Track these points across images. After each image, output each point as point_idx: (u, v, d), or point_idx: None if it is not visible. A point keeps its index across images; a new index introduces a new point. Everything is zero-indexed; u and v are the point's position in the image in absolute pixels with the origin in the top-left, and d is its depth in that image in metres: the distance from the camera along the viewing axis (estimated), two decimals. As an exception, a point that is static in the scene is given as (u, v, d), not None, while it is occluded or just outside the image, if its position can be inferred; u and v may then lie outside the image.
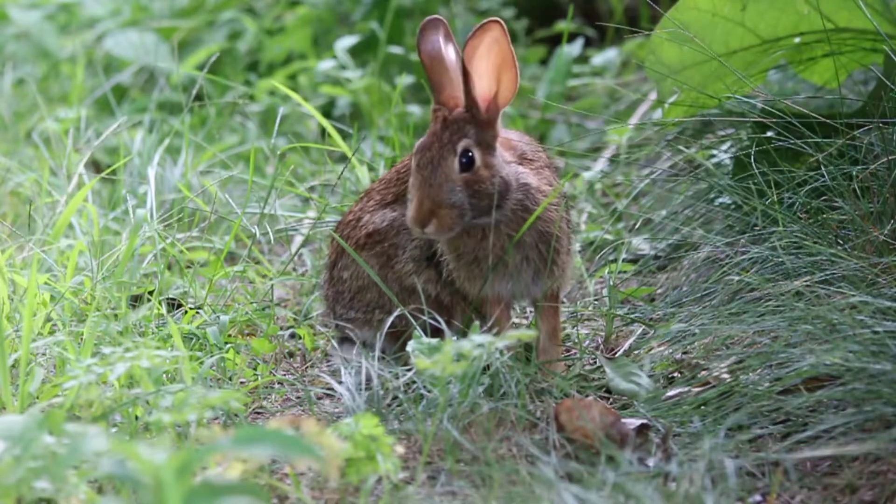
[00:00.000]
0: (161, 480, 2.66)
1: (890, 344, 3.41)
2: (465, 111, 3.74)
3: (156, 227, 4.39)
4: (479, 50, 3.70)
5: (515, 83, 3.75)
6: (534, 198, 3.79)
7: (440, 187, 3.69)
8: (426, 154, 3.72)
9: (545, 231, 3.80)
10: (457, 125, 3.73)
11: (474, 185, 3.72)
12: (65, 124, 5.43)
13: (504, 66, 3.73)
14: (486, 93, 3.74)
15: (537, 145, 3.98)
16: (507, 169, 3.77)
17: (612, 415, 3.48)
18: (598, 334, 4.17)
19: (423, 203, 3.70)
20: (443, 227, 3.70)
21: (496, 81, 3.74)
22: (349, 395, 3.62)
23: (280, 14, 6.85)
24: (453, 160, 3.71)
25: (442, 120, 3.75)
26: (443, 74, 3.78)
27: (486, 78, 3.73)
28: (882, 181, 4.02)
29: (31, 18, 7.11)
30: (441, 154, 3.71)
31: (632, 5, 6.71)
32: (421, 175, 3.71)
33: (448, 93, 3.77)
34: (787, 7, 4.36)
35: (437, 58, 3.79)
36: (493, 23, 3.71)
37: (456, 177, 3.71)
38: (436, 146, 3.72)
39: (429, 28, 3.82)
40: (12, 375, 3.69)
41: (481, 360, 3.47)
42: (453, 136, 3.73)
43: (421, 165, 3.72)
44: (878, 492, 3.25)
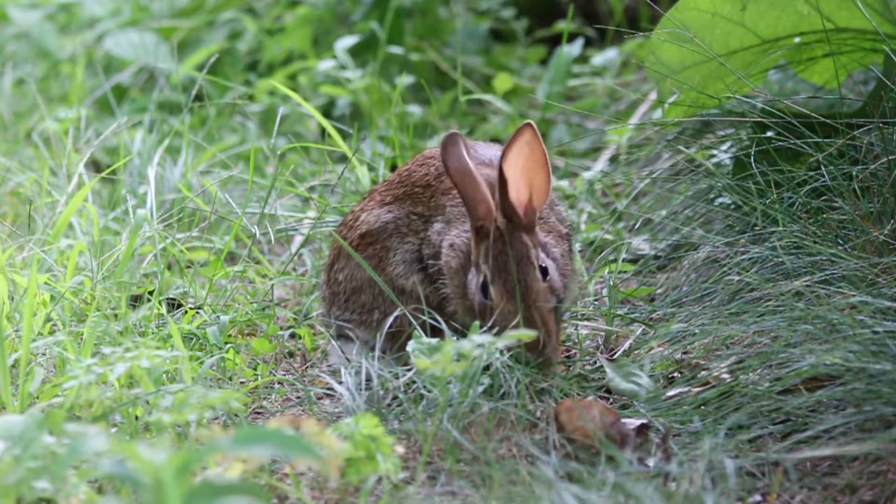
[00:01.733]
0: (161, 480, 2.66)
1: (890, 344, 3.41)
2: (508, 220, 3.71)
3: (156, 227, 4.39)
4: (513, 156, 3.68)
5: (548, 184, 3.73)
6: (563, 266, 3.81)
7: (535, 301, 3.69)
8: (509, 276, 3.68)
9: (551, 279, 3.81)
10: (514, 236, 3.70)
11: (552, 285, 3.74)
12: (65, 124, 5.43)
13: (536, 169, 3.71)
14: (522, 197, 3.72)
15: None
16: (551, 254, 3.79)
17: (612, 415, 3.48)
18: (598, 334, 4.17)
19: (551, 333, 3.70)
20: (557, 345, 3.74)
21: (528, 186, 3.72)
22: (349, 395, 3.63)
23: (280, 14, 6.85)
24: (535, 272, 3.70)
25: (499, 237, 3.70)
26: (475, 189, 3.72)
27: (519, 183, 3.71)
28: (882, 181, 4.02)
29: (31, 18, 7.11)
30: (523, 269, 3.69)
31: (632, 5, 6.71)
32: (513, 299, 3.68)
33: (485, 206, 3.72)
34: (786, 7, 4.36)
35: (467, 174, 3.73)
36: (526, 127, 3.68)
37: (542, 286, 3.71)
38: (524, 262, 3.68)
39: (451, 144, 3.76)
40: (12, 375, 3.69)
41: (481, 360, 3.47)
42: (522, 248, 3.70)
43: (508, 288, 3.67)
44: (878, 492, 3.25)
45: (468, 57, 6.43)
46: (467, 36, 6.59)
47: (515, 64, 6.60)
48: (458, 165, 3.74)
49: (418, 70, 6.30)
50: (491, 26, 6.74)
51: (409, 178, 3.98)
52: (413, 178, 3.97)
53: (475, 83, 6.33)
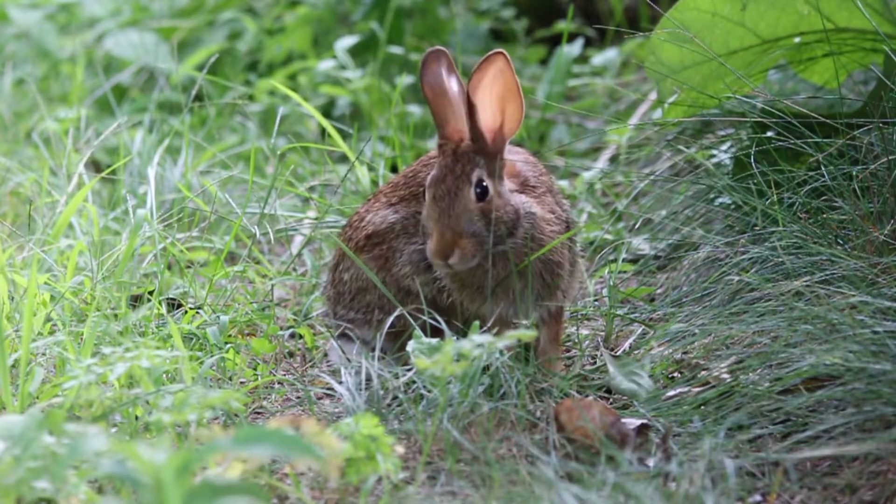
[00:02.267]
0: (161, 480, 2.66)
1: (890, 344, 3.41)
2: (472, 143, 3.75)
3: (156, 227, 4.39)
4: (483, 82, 3.71)
5: (521, 114, 3.76)
6: (539, 227, 3.81)
7: (459, 218, 3.71)
8: (441, 186, 3.73)
9: (549, 259, 3.81)
10: (467, 156, 3.74)
11: (489, 214, 3.73)
12: (65, 124, 5.43)
13: (509, 98, 3.74)
14: (491, 124, 3.75)
15: (540, 167, 3.98)
16: (514, 198, 3.79)
17: (612, 415, 3.48)
18: (599, 334, 4.17)
19: (445, 234, 3.71)
20: (465, 257, 3.71)
21: (501, 113, 3.75)
22: (349, 395, 3.62)
23: (280, 14, 6.85)
24: (469, 190, 3.72)
25: (452, 152, 3.75)
26: (446, 107, 3.78)
27: (491, 110, 3.74)
28: (882, 181, 4.02)
29: (31, 18, 7.11)
30: (456, 185, 3.72)
31: (632, 5, 6.71)
32: (439, 207, 3.72)
33: (452, 126, 3.77)
34: (786, 7, 4.36)
35: (441, 90, 3.79)
36: (498, 54, 3.71)
37: (473, 206, 3.72)
38: (450, 178, 3.73)
39: (431, 60, 3.81)
40: (12, 375, 3.69)
41: (481, 360, 3.47)
42: (466, 167, 3.73)
43: (437, 197, 3.73)
44: (878, 492, 3.25)
45: (468, 57, 6.42)
46: (467, 36, 6.59)
47: (515, 64, 6.58)
48: (433, 81, 3.79)
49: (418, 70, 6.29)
50: (491, 26, 6.75)
51: (414, 179, 3.98)
52: (418, 178, 3.98)
53: (475, 83, 6.32)
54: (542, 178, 3.93)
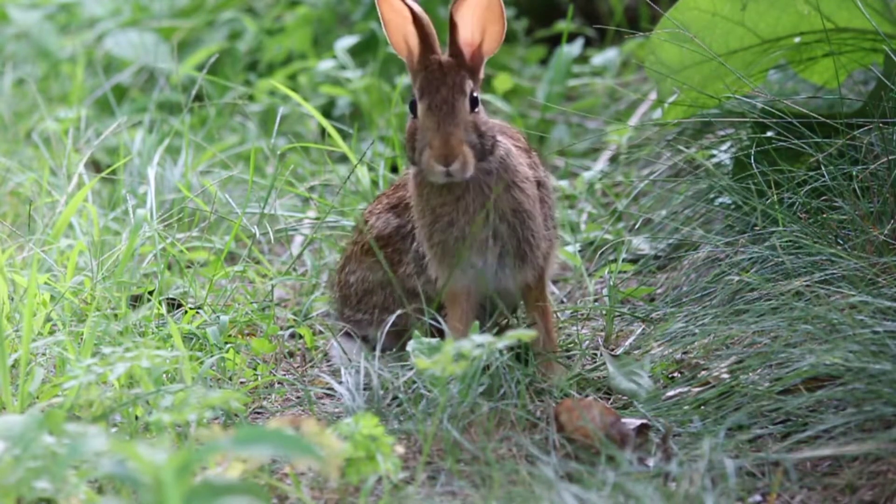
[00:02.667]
0: (161, 480, 2.66)
1: (890, 344, 3.41)
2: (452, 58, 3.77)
3: (156, 227, 4.39)
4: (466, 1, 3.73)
5: (501, 34, 3.78)
6: (513, 162, 3.80)
7: (458, 126, 3.70)
8: (437, 95, 3.73)
9: (520, 206, 3.80)
10: (456, 69, 3.76)
11: (480, 126, 3.74)
12: (65, 124, 5.43)
13: (490, 17, 3.76)
14: (470, 40, 3.78)
15: (521, 137, 3.98)
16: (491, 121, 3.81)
17: (612, 415, 3.48)
18: (599, 334, 4.17)
19: (449, 140, 3.68)
20: (466, 165, 3.69)
21: (481, 31, 3.77)
22: (349, 395, 3.62)
23: (280, 14, 6.85)
24: (464, 100, 3.73)
25: (438, 65, 3.76)
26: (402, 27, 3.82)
27: (470, 27, 3.76)
28: (882, 181, 4.02)
29: (31, 18, 7.11)
30: (452, 94, 3.72)
31: (632, 5, 6.71)
32: (438, 115, 3.70)
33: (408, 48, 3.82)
34: (787, 7, 4.36)
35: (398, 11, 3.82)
36: None
37: (469, 118, 3.73)
38: (444, 88, 3.73)
39: None
40: (12, 375, 3.69)
41: (481, 360, 3.47)
42: (456, 78, 3.75)
43: (435, 106, 3.71)
44: (878, 492, 3.25)
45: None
46: (467, 36, 6.58)
47: (515, 64, 6.60)
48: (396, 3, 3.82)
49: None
50: (491, 26, 6.74)
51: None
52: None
53: (475, 83, 6.32)
54: (521, 140, 3.94)
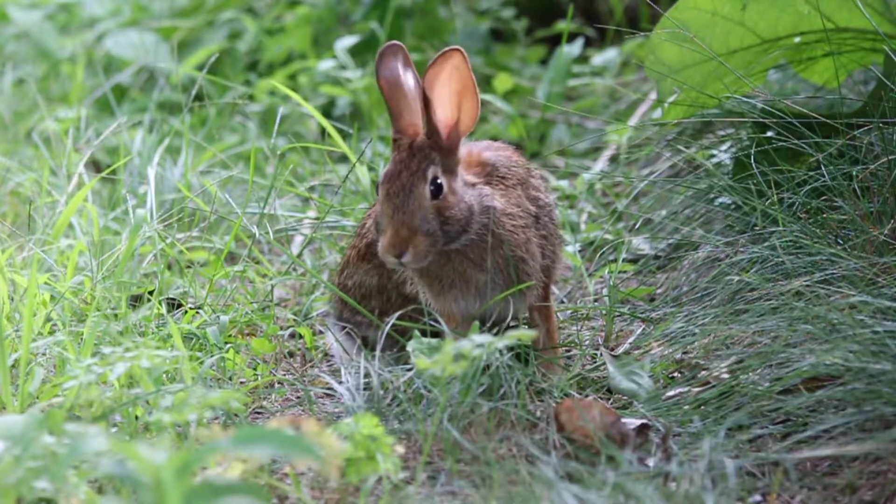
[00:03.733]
0: (161, 480, 2.66)
1: (890, 344, 3.41)
2: (427, 138, 3.72)
3: (156, 227, 4.39)
4: (440, 77, 3.68)
5: (476, 110, 3.73)
6: (499, 221, 3.77)
7: (413, 215, 3.67)
8: (396, 182, 3.69)
9: (510, 260, 3.78)
10: (422, 152, 3.71)
11: (444, 211, 3.69)
12: (65, 124, 5.43)
13: (465, 94, 3.71)
14: (447, 120, 3.72)
15: (515, 159, 3.94)
16: (470, 193, 3.76)
17: (612, 415, 3.48)
18: (599, 334, 4.17)
19: (399, 231, 3.66)
20: (418, 255, 3.67)
21: (457, 109, 3.72)
22: (349, 395, 3.62)
23: (280, 14, 6.85)
24: (424, 187, 3.69)
25: (407, 147, 3.72)
26: (401, 101, 3.75)
27: (447, 105, 3.72)
28: (882, 181, 4.02)
29: (31, 18, 7.11)
30: (411, 181, 3.68)
31: (632, 5, 6.71)
32: (393, 203, 3.68)
33: (407, 120, 3.74)
34: (786, 7, 4.35)
35: (396, 84, 3.75)
36: (454, 51, 3.69)
37: (428, 204, 3.69)
38: (405, 174, 3.69)
39: (388, 54, 3.78)
40: (12, 375, 3.69)
41: (481, 360, 3.47)
42: (421, 164, 3.70)
43: (392, 193, 3.68)
44: (878, 492, 3.25)
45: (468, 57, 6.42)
46: (467, 36, 6.59)
47: (515, 64, 6.60)
48: (389, 75, 3.76)
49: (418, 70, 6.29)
50: (491, 26, 6.75)
51: None
52: None
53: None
54: (514, 170, 3.89)
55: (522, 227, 3.81)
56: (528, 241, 3.82)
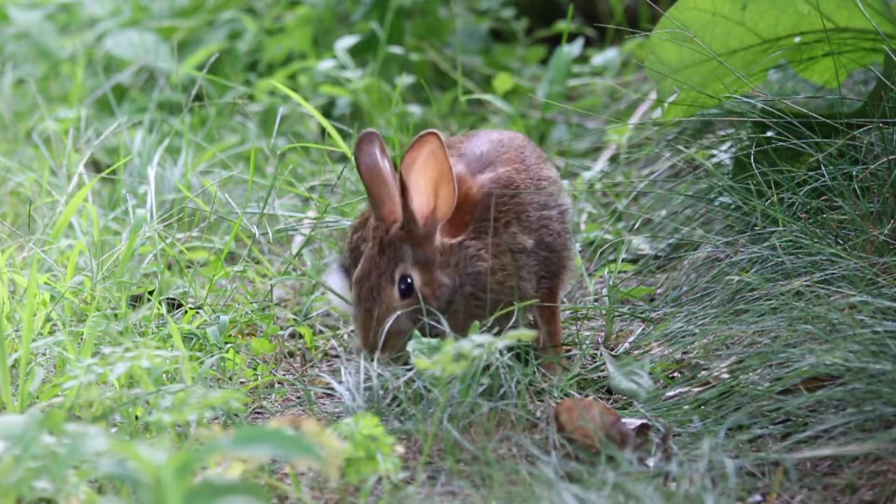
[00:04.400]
0: (161, 480, 2.66)
1: (890, 344, 3.41)
2: (402, 228, 3.71)
3: (156, 227, 4.39)
4: (416, 163, 3.66)
5: (453, 197, 3.70)
6: (483, 282, 3.75)
7: (383, 318, 3.68)
8: (365, 284, 3.70)
9: (500, 295, 3.78)
10: (393, 248, 3.71)
11: (415, 305, 3.70)
12: (65, 124, 5.43)
13: (441, 180, 3.68)
14: (423, 208, 3.70)
15: (517, 174, 3.88)
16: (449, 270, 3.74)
17: (612, 415, 3.48)
18: (599, 334, 4.17)
19: (370, 336, 3.69)
20: (391, 350, 3.70)
21: (434, 196, 3.70)
22: (349, 395, 3.63)
23: (280, 14, 6.85)
24: (392, 290, 3.70)
25: (378, 243, 3.72)
26: (381, 188, 3.73)
27: (423, 193, 3.69)
28: (882, 181, 4.02)
29: (31, 18, 7.11)
30: (379, 283, 3.70)
31: (632, 5, 6.71)
32: (363, 308, 3.70)
33: (388, 208, 3.73)
34: (787, 6, 4.35)
35: (376, 171, 3.74)
36: (430, 135, 3.66)
37: (397, 304, 3.70)
38: (374, 275, 3.70)
39: (365, 141, 3.76)
40: (12, 375, 3.69)
41: (481, 360, 3.47)
42: (390, 262, 3.70)
43: (362, 297, 3.70)
44: (878, 492, 3.25)
45: (468, 57, 6.43)
46: (467, 36, 6.59)
47: (515, 64, 6.60)
48: (368, 162, 3.73)
49: (418, 70, 6.30)
50: (491, 26, 6.75)
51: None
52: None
53: (475, 83, 6.33)
54: (507, 201, 3.83)
55: (510, 275, 3.78)
56: (518, 287, 3.79)
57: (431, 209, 3.71)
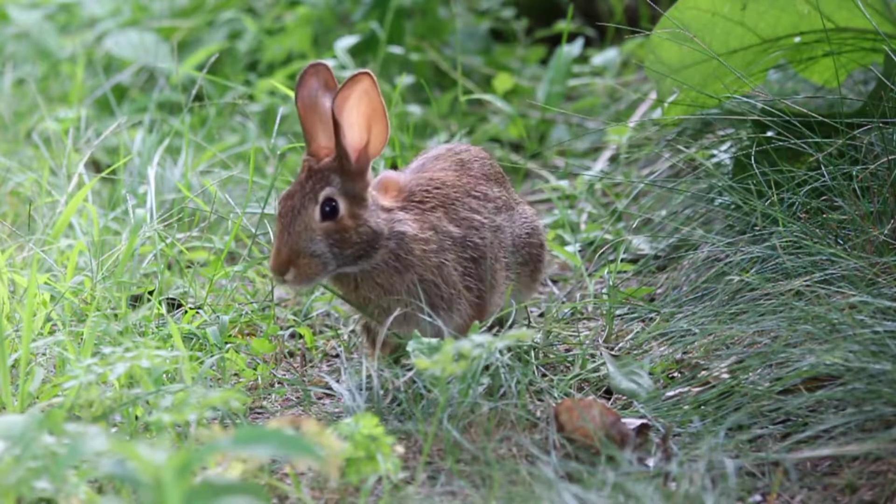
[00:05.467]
0: (161, 480, 2.66)
1: (890, 344, 3.41)
2: (334, 161, 3.72)
3: (156, 226, 4.39)
4: (349, 101, 3.67)
5: (386, 135, 3.72)
6: (408, 246, 3.76)
7: (299, 236, 3.67)
8: (288, 202, 3.71)
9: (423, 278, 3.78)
10: (322, 174, 3.71)
11: (336, 234, 3.69)
12: (65, 124, 5.43)
13: (374, 118, 3.71)
14: (356, 143, 3.72)
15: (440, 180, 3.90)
16: (380, 217, 3.75)
17: (612, 415, 3.48)
18: (599, 334, 4.17)
19: (281, 251, 3.68)
20: (301, 276, 3.68)
21: (367, 132, 3.72)
22: (349, 395, 3.62)
23: (280, 14, 6.85)
24: (314, 209, 3.69)
25: (308, 169, 3.73)
26: (315, 123, 3.74)
27: (356, 128, 3.71)
28: (882, 181, 4.02)
29: (31, 18, 7.11)
30: (303, 203, 3.69)
31: (632, 5, 6.71)
32: (281, 223, 3.70)
33: (319, 143, 3.74)
34: (787, 6, 4.36)
35: (312, 106, 3.75)
36: (364, 75, 3.67)
37: (316, 226, 3.69)
38: (298, 195, 3.70)
39: (309, 74, 3.76)
40: (12, 375, 3.69)
41: (481, 360, 3.47)
42: (316, 185, 3.70)
43: (282, 214, 3.70)
44: (878, 492, 3.25)
45: (468, 57, 6.43)
46: (467, 36, 6.59)
47: (515, 64, 6.60)
48: (306, 96, 3.75)
49: (418, 70, 6.30)
50: (491, 26, 6.75)
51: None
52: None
53: (475, 83, 6.33)
54: (435, 192, 3.87)
55: (436, 251, 3.79)
56: (442, 265, 3.80)
57: (364, 144, 3.73)
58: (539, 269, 4.05)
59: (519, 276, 3.98)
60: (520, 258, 3.97)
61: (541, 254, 4.05)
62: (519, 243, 3.98)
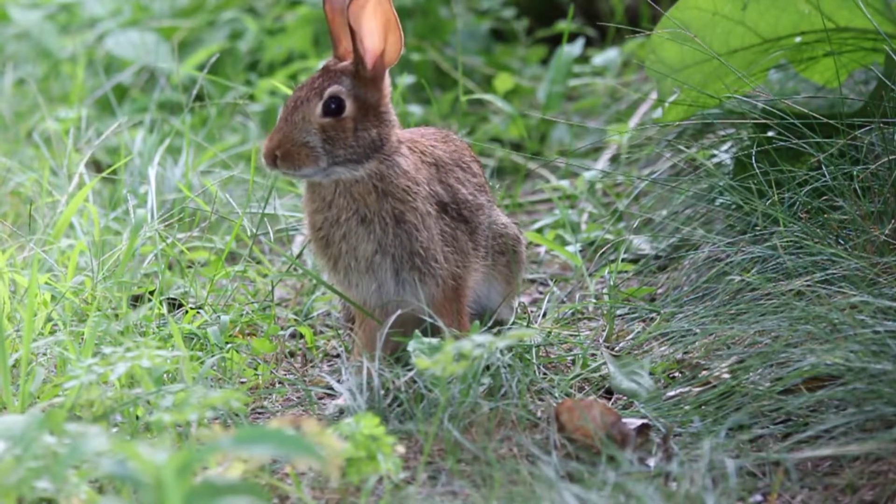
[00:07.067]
0: (162, 480, 2.66)
1: (891, 344, 3.41)
2: (352, 65, 3.79)
3: (156, 226, 4.39)
4: (366, 10, 3.74)
5: (400, 45, 3.78)
6: (394, 175, 3.79)
7: (295, 125, 3.74)
8: (296, 94, 3.79)
9: (401, 218, 3.80)
10: (334, 73, 3.79)
11: (333, 131, 3.75)
12: (65, 124, 5.43)
13: (389, 27, 3.77)
14: (374, 49, 3.78)
15: (447, 150, 3.96)
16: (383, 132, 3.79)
17: (612, 415, 3.48)
18: (600, 334, 4.17)
19: (274, 137, 3.75)
20: (291, 164, 3.73)
21: (383, 41, 3.78)
22: (350, 395, 3.62)
23: (280, 14, 6.86)
24: (317, 103, 3.75)
25: (323, 68, 3.81)
26: (341, 28, 3.82)
27: (374, 35, 3.77)
28: (882, 181, 4.02)
29: (31, 18, 7.11)
30: (308, 96, 3.77)
31: (632, 5, 6.71)
32: (284, 112, 3.77)
33: (344, 47, 3.83)
34: (787, 6, 4.36)
35: (339, 10, 3.82)
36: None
37: (315, 119, 3.75)
38: (307, 88, 3.79)
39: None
40: (13, 375, 3.69)
41: (482, 360, 3.47)
42: (325, 82, 3.78)
43: (287, 105, 3.78)
44: (878, 492, 3.25)
45: (469, 57, 6.43)
46: (468, 36, 6.59)
47: (516, 64, 6.60)
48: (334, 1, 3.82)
49: (419, 70, 6.30)
50: (491, 26, 6.75)
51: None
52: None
53: (476, 83, 6.33)
54: (431, 151, 3.92)
55: (416, 193, 3.81)
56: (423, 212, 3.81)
57: (381, 52, 3.79)
58: (517, 261, 4.05)
59: (495, 264, 3.99)
60: (496, 246, 3.99)
61: (517, 247, 4.06)
62: (496, 231, 4.00)
